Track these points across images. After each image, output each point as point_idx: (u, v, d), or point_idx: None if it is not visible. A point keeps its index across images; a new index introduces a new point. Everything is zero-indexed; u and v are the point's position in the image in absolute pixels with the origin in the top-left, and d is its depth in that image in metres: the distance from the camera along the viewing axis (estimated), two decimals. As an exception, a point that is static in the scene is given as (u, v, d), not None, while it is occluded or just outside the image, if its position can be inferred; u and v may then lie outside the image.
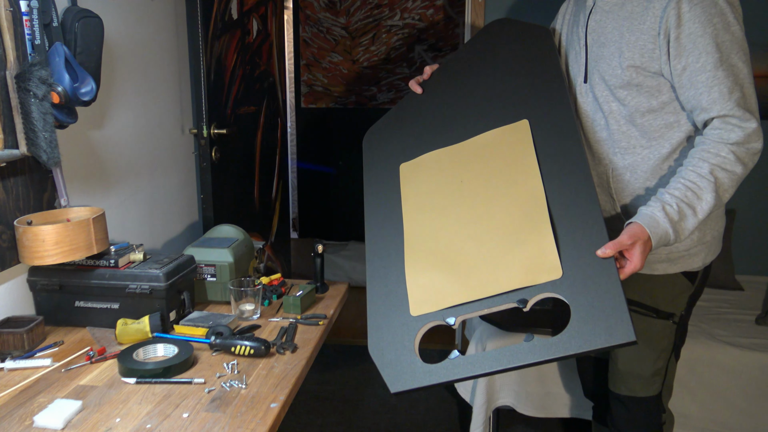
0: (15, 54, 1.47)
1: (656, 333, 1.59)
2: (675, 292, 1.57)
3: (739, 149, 1.31)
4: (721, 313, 2.65)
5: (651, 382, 1.63)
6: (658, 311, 1.57)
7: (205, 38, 2.38)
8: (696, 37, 1.32)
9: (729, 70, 1.31)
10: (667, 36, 1.34)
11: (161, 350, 1.44)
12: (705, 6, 1.31)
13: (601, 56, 1.47)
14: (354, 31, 4.60)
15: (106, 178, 1.96)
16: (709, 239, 1.54)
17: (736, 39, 1.33)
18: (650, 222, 1.29)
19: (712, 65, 1.31)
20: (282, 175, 3.35)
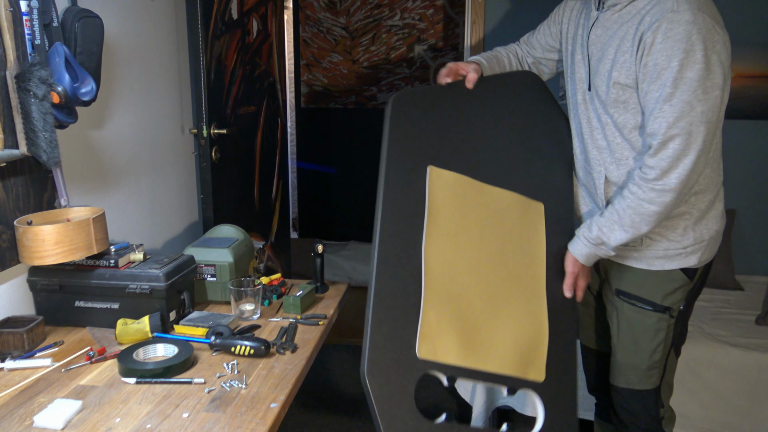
0: (15, 54, 1.47)
1: (652, 326, 1.62)
2: (672, 287, 1.60)
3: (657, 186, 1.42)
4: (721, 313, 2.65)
5: (648, 375, 1.66)
6: (654, 304, 1.61)
7: (205, 38, 2.38)
8: (660, 68, 1.37)
9: (677, 106, 1.35)
10: (640, 59, 1.41)
11: (161, 350, 1.44)
12: (676, 39, 1.34)
13: (597, 71, 1.54)
14: (354, 31, 4.60)
15: (106, 178, 1.96)
16: (707, 239, 1.58)
17: (699, 77, 1.34)
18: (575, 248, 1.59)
19: (663, 98, 1.37)
20: (282, 175, 3.35)
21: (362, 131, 4.76)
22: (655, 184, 1.41)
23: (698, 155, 1.37)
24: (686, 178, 1.39)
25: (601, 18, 1.54)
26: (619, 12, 1.50)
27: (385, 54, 4.59)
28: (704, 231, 1.57)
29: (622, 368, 1.69)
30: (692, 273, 1.61)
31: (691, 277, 1.62)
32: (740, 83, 2.99)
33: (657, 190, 1.41)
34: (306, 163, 4.89)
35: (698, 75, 1.34)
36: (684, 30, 1.33)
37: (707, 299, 2.82)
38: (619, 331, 1.68)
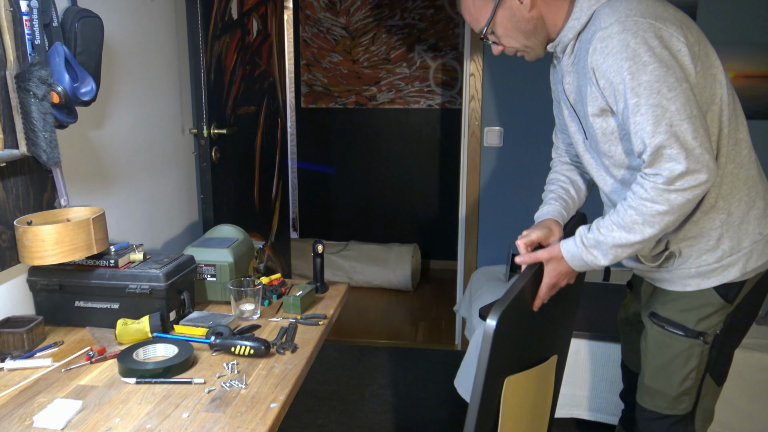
0: (15, 54, 1.47)
1: (683, 352, 1.50)
2: (707, 311, 1.47)
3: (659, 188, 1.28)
4: (721, 313, 2.65)
5: (678, 402, 1.55)
6: (686, 329, 1.49)
7: (205, 38, 2.38)
8: (615, 86, 1.30)
9: (648, 112, 1.26)
10: (598, 86, 1.34)
11: (161, 350, 1.44)
12: (616, 54, 1.28)
13: (585, 114, 1.45)
14: (354, 31, 4.60)
15: (106, 178, 1.96)
16: (747, 245, 1.43)
17: (657, 77, 1.25)
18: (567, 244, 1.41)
19: (631, 111, 1.28)
20: (282, 175, 3.35)
21: (362, 131, 4.76)
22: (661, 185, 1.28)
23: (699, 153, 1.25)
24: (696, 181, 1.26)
25: (563, 68, 1.49)
26: (573, 52, 1.44)
27: (385, 54, 4.59)
28: (743, 237, 1.42)
29: (649, 391, 1.59)
30: (733, 294, 1.46)
31: (731, 299, 1.47)
32: (740, 83, 2.99)
33: (661, 189, 1.28)
34: (306, 163, 4.89)
35: (655, 76, 1.25)
36: (618, 41, 1.27)
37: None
38: (646, 354, 1.58)
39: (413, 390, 2.93)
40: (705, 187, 1.27)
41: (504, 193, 3.24)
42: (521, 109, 3.15)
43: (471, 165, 3.21)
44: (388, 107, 4.68)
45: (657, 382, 1.56)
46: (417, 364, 3.20)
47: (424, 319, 3.85)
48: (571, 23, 1.41)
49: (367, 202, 4.86)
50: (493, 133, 3.17)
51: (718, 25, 2.95)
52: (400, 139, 4.72)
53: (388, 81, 4.63)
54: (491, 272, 3.09)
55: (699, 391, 1.56)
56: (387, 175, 4.80)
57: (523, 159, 3.19)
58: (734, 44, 2.95)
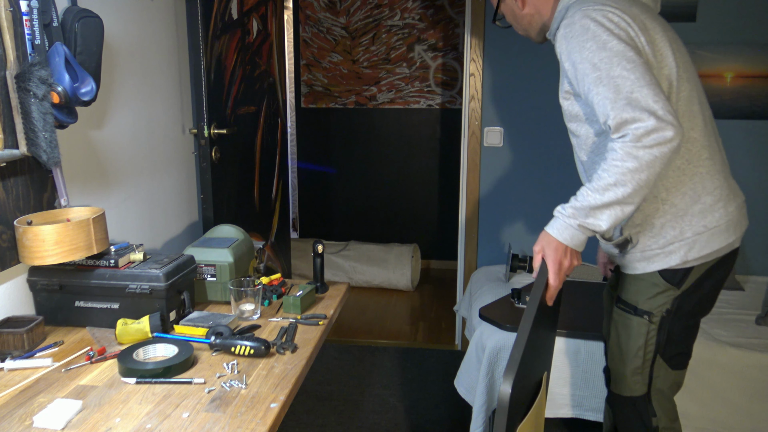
0: (15, 54, 1.47)
1: (633, 330, 1.62)
2: (653, 291, 1.58)
3: (627, 146, 1.34)
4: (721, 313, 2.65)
5: (632, 382, 1.65)
6: (636, 309, 1.61)
7: (205, 38, 2.38)
8: (576, 64, 1.43)
9: (609, 83, 1.37)
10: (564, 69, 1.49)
11: (161, 350, 1.44)
12: (578, 36, 1.42)
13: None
14: (354, 31, 4.60)
15: (106, 178, 1.96)
16: (690, 236, 1.52)
17: (615, 52, 1.37)
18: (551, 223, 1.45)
19: (593, 83, 1.39)
20: (282, 175, 3.35)
21: (362, 131, 4.76)
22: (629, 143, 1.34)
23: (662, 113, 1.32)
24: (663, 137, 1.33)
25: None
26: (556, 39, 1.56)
27: (385, 54, 4.59)
28: (686, 227, 1.52)
29: (613, 374, 1.71)
30: (678, 278, 1.55)
31: (676, 283, 1.56)
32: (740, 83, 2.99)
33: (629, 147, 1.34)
34: (306, 163, 4.89)
35: (614, 51, 1.37)
36: (579, 25, 1.42)
37: (707, 299, 2.82)
38: (609, 336, 1.72)
39: (413, 390, 2.93)
40: (672, 145, 1.33)
41: (504, 193, 3.24)
42: (521, 109, 3.15)
43: (471, 165, 3.21)
44: (388, 107, 4.68)
45: (615, 364, 1.69)
46: (417, 364, 3.20)
47: (424, 319, 3.85)
48: (555, 16, 1.59)
49: (367, 202, 4.86)
50: (493, 133, 3.17)
51: (718, 25, 2.96)
52: (400, 139, 4.72)
53: (388, 81, 4.63)
54: (491, 272, 3.09)
55: (651, 372, 1.64)
56: (387, 175, 4.80)
57: (523, 159, 3.19)
58: (734, 44, 2.95)
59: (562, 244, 1.43)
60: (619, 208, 1.38)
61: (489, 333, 2.39)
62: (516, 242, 3.23)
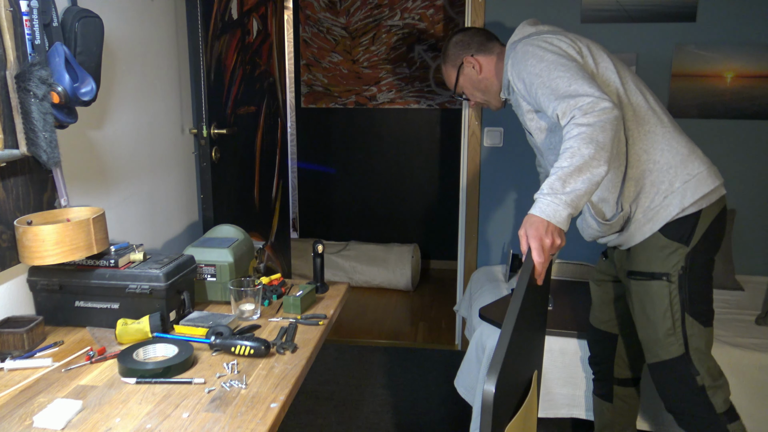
0: (15, 54, 1.47)
1: (654, 295, 1.71)
2: (665, 252, 1.69)
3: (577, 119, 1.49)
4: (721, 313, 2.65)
5: (667, 344, 1.71)
6: (653, 274, 1.71)
7: (205, 38, 2.38)
8: (525, 79, 1.67)
9: (551, 82, 1.59)
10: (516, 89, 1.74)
11: (161, 350, 1.44)
12: (520, 58, 1.68)
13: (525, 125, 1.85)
14: (354, 31, 4.60)
15: (106, 178, 1.96)
16: (679, 185, 1.67)
17: (551, 61, 1.62)
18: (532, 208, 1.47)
19: (539, 88, 1.62)
20: (282, 175, 3.35)
21: (362, 131, 4.76)
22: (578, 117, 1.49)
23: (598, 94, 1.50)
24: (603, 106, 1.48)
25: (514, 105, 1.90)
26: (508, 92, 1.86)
27: (385, 54, 4.59)
28: (674, 179, 1.68)
29: (647, 345, 1.77)
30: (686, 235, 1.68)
31: (685, 240, 1.68)
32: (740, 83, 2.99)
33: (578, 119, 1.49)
34: (306, 163, 4.89)
35: (550, 61, 1.61)
36: (521, 52, 1.68)
37: (707, 299, 2.82)
38: (634, 311, 1.79)
39: (413, 390, 2.93)
40: (614, 114, 1.48)
41: (504, 193, 3.24)
42: (521, 109, 3.14)
43: (471, 165, 3.21)
44: (388, 107, 4.68)
45: (646, 333, 1.76)
46: (417, 364, 3.20)
47: (424, 319, 3.85)
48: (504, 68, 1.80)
49: (367, 202, 4.86)
50: (493, 133, 3.17)
51: (718, 25, 2.96)
52: (400, 139, 4.72)
53: (388, 81, 4.63)
54: (491, 272, 3.09)
55: (684, 332, 1.71)
56: (387, 175, 4.80)
57: (523, 159, 3.19)
58: (734, 44, 2.95)
59: (544, 221, 1.42)
60: (590, 173, 1.43)
61: (489, 333, 2.39)
62: (516, 242, 3.23)
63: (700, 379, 1.71)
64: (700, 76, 3.10)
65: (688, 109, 3.07)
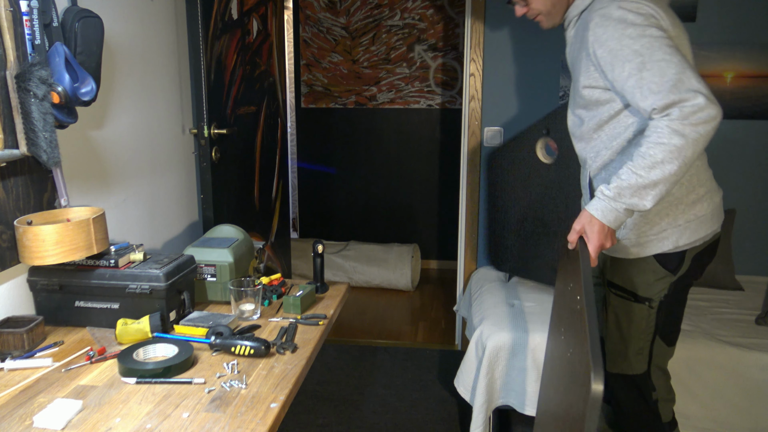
0: (15, 54, 1.47)
1: (634, 315, 1.70)
2: (652, 278, 1.66)
3: (674, 123, 1.38)
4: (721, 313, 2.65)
5: (634, 361, 1.75)
6: (636, 296, 1.69)
7: (205, 38, 2.38)
8: (615, 51, 1.46)
9: (654, 66, 1.41)
10: (595, 57, 1.51)
11: (161, 350, 1.44)
12: (616, 24, 1.46)
13: (574, 81, 1.69)
14: (354, 31, 4.60)
15: (106, 178, 1.96)
16: (682, 223, 1.61)
17: (655, 38, 1.43)
18: (592, 204, 1.48)
19: (637, 69, 1.43)
20: (282, 175, 3.35)
21: (362, 131, 4.76)
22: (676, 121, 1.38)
23: (707, 92, 1.38)
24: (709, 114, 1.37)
25: (567, 37, 1.73)
26: (575, 27, 1.67)
27: (385, 54, 4.59)
28: (679, 215, 1.61)
29: (611, 355, 1.81)
30: (674, 265, 1.64)
31: (673, 269, 1.65)
32: (740, 83, 2.99)
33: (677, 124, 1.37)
34: (306, 163, 4.89)
35: (653, 37, 1.42)
36: (617, 16, 1.46)
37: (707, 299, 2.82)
38: (608, 320, 1.80)
39: (413, 390, 2.93)
40: (715, 124, 1.38)
41: (504, 193, 3.24)
42: (521, 109, 3.15)
43: (471, 165, 3.20)
44: (388, 107, 4.68)
45: (615, 346, 1.77)
46: (417, 364, 3.20)
47: (424, 319, 3.85)
48: (578, 2, 1.62)
49: (367, 202, 4.86)
50: (493, 133, 3.17)
51: (718, 25, 2.96)
52: (400, 139, 4.72)
53: (388, 81, 4.63)
54: (491, 272, 3.09)
55: (651, 351, 1.74)
56: (387, 175, 4.80)
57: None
58: (734, 44, 2.95)
59: (605, 226, 1.46)
60: (664, 187, 1.41)
61: (489, 333, 2.39)
62: (516, 242, 3.23)
63: (655, 395, 1.79)
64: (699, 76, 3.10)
65: (688, 109, 3.07)
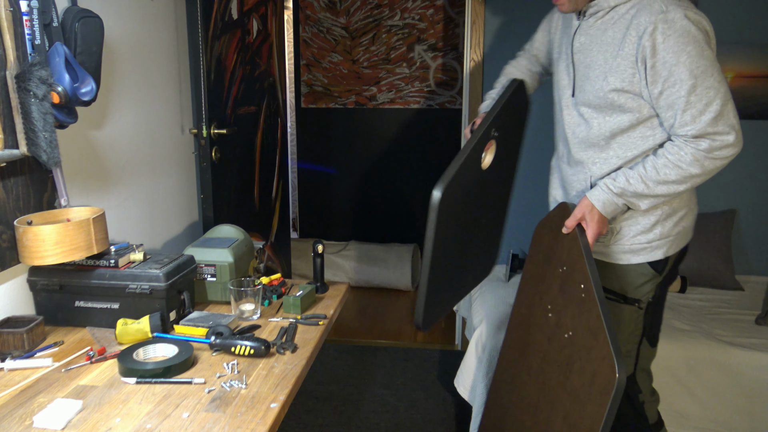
0: (15, 54, 1.47)
1: (624, 317, 1.71)
2: (641, 281, 1.69)
3: (699, 154, 1.46)
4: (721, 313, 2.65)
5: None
6: (625, 297, 1.70)
7: (205, 38, 2.38)
8: (671, 65, 1.43)
9: (703, 93, 1.43)
10: (644, 63, 1.46)
11: (161, 350, 1.44)
12: (678, 36, 1.42)
13: (587, 77, 1.60)
14: (354, 31, 4.60)
15: (106, 178, 1.96)
16: (673, 235, 1.67)
17: (710, 63, 1.43)
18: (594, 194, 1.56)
19: (686, 91, 1.43)
20: (282, 175, 3.35)
21: (362, 131, 4.76)
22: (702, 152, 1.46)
23: (739, 129, 1.44)
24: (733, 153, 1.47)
25: (582, 25, 1.60)
26: (602, 18, 1.56)
27: (385, 54, 4.59)
28: (672, 227, 1.65)
29: None
30: (662, 266, 1.69)
31: (660, 271, 1.69)
32: (740, 83, 2.99)
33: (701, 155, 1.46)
34: (306, 163, 4.89)
35: (709, 62, 1.42)
36: (681, 26, 1.42)
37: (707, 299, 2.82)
38: None
39: (413, 390, 2.93)
40: (732, 158, 1.47)
41: (504, 193, 3.24)
42: (521, 109, 3.14)
43: (471, 165, 3.20)
44: (388, 107, 4.67)
45: None
46: (417, 364, 3.20)
47: (424, 319, 3.85)
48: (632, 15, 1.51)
49: (367, 202, 4.86)
50: (493, 133, 3.17)
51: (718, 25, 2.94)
52: (400, 139, 4.72)
53: (388, 81, 4.63)
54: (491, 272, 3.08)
55: (638, 353, 1.75)
56: (387, 175, 4.80)
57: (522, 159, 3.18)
58: (734, 44, 2.95)
59: (604, 217, 1.58)
60: (664, 199, 1.55)
61: (489, 333, 2.39)
62: (516, 242, 3.23)
63: (642, 397, 1.79)
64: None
65: (688, 109, 3.07)
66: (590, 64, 1.59)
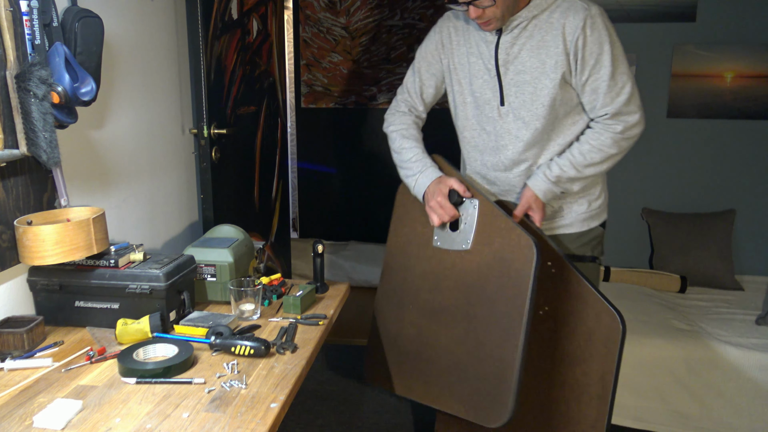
0: (15, 54, 1.47)
1: (595, 275, 1.93)
2: (596, 241, 1.93)
3: (617, 136, 1.72)
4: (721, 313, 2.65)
5: None
6: (593, 258, 1.93)
7: (205, 38, 2.38)
8: (597, 55, 1.67)
9: (618, 78, 1.68)
10: (575, 56, 1.67)
11: (161, 350, 1.44)
12: (601, 29, 1.66)
13: (523, 81, 1.73)
14: (354, 31, 4.60)
15: (106, 178, 1.96)
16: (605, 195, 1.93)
17: (621, 52, 1.69)
18: (536, 185, 1.77)
19: (608, 76, 1.67)
20: (282, 175, 3.35)
21: (362, 131, 4.76)
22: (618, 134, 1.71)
23: (641, 111, 1.72)
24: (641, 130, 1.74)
25: (506, 38, 1.73)
26: (526, 28, 1.70)
27: (385, 54, 4.59)
28: (605, 192, 1.92)
29: None
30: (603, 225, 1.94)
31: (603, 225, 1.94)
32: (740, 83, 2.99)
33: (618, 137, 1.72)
34: (306, 163, 4.89)
35: (621, 51, 1.69)
36: (600, 22, 1.66)
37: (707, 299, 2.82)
38: None
39: (413, 390, 2.93)
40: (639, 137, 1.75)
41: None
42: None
43: (471, 165, 3.20)
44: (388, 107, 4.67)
45: None
46: (417, 364, 3.20)
47: (424, 319, 3.85)
48: (535, 4, 1.68)
49: (367, 202, 4.85)
50: (493, 133, 3.17)
51: (718, 25, 2.96)
52: (400, 139, 4.72)
53: (388, 81, 4.63)
54: (491, 272, 3.08)
55: None
56: (387, 175, 4.79)
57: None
58: (734, 44, 2.95)
59: (543, 204, 1.80)
60: (591, 179, 1.80)
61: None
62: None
63: None
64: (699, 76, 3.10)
65: (688, 109, 3.07)
66: (523, 69, 1.73)
